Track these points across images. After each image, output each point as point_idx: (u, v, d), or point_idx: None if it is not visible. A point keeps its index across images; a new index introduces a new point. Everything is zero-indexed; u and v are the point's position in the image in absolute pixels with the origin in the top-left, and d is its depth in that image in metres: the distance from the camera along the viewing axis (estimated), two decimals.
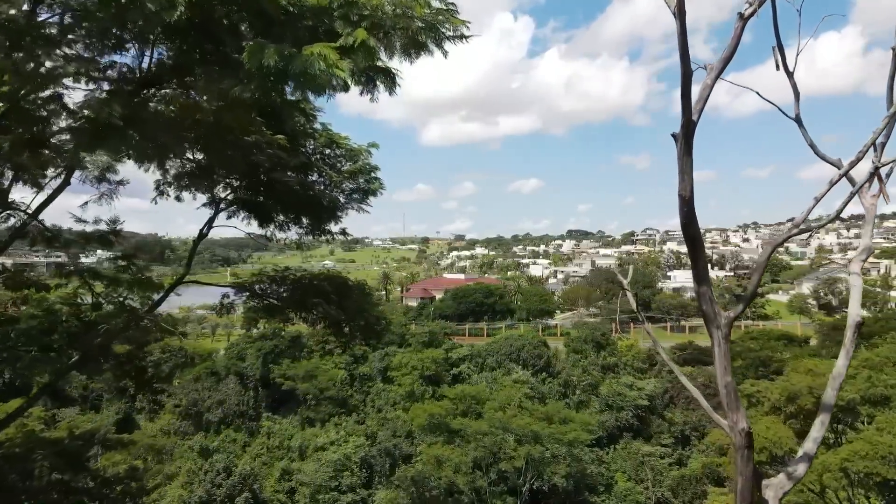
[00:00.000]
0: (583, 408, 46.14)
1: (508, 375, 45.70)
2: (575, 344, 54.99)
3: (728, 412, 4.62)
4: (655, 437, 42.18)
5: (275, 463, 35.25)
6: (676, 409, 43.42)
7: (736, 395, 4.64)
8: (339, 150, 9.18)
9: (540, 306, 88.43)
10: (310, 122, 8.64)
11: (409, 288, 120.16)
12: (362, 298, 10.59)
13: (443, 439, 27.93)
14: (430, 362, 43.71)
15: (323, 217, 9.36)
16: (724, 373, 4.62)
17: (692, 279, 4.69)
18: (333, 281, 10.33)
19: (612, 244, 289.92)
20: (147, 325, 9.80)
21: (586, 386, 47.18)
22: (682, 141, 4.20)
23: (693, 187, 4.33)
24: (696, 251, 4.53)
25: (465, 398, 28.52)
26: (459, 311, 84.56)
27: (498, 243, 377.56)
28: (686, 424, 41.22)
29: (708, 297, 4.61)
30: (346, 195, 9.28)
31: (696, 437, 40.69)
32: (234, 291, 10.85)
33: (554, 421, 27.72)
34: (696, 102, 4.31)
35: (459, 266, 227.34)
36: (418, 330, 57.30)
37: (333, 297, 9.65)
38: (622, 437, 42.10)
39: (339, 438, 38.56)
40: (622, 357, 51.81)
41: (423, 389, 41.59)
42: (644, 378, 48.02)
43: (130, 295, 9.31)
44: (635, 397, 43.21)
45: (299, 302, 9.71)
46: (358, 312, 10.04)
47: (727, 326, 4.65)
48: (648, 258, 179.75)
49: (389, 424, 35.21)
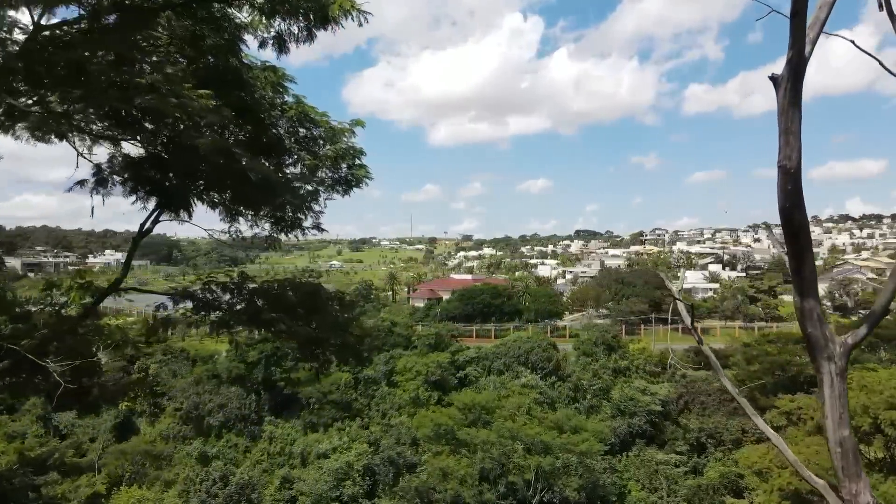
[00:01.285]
0: (593, 413, 44.63)
1: (517, 379, 44.25)
2: (585, 346, 53.42)
3: (843, 479, 3.22)
4: (669, 443, 40.62)
5: (275, 470, 34.01)
6: (691, 415, 41.78)
7: (856, 457, 3.22)
8: (317, 130, 7.51)
9: (548, 307, 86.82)
10: (279, 94, 7.04)
11: (416, 288, 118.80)
12: (341, 312, 8.80)
13: (448, 448, 26.55)
14: (435, 367, 42.25)
15: (288, 209, 7.72)
16: (839, 424, 3.21)
17: (793, 290, 3.28)
18: (302, 289, 8.50)
19: (620, 244, 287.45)
20: (87, 336, 8.32)
21: (597, 390, 45.65)
22: (789, 84, 2.82)
23: (801, 155, 2.93)
24: (800, 248, 3.13)
25: (474, 407, 27.03)
26: (466, 312, 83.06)
27: (505, 243, 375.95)
28: (702, 431, 39.60)
29: (816, 316, 3.21)
30: (327, 186, 7.81)
31: (712, 444, 39.08)
32: (173, 300, 8.74)
33: (565, 429, 26.27)
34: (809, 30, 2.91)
35: (467, 266, 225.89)
36: (425, 331, 55.90)
37: (301, 311, 8.07)
38: (635, 443, 40.55)
39: (342, 444, 37.29)
40: (634, 360, 50.20)
41: (428, 395, 40.17)
42: (657, 382, 46.43)
43: (68, 300, 7.86)
44: (648, 402, 41.67)
45: (254, 316, 7.95)
46: (334, 329, 8.29)
47: (843, 357, 3.23)
48: (658, 258, 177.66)
49: (393, 431, 33.84)
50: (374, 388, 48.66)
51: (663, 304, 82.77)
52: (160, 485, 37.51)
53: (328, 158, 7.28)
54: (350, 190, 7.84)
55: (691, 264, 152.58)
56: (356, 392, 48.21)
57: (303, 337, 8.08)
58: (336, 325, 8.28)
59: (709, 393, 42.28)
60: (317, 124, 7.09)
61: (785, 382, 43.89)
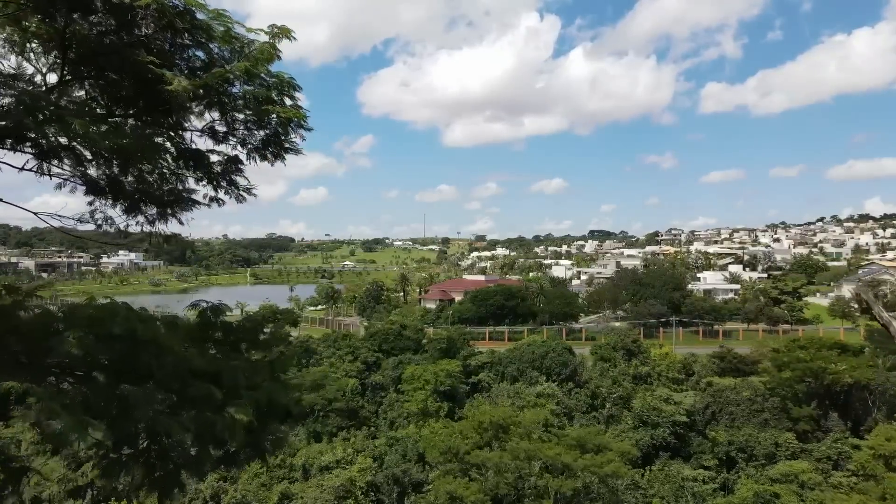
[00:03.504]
0: (613, 423, 42.17)
1: (532, 387, 41.86)
2: (603, 351, 50.94)
3: None
4: (696, 457, 38.02)
5: (274, 485, 31.90)
6: (719, 427, 39.15)
7: None
8: (215, 43, 4.58)
9: (563, 309, 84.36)
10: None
11: (428, 289, 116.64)
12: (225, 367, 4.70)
13: (457, 467, 24.32)
14: (444, 376, 39.67)
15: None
16: None
17: None
18: (101, 321, 4.26)
19: (635, 244, 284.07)
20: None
21: (617, 399, 43.19)
22: None
23: None
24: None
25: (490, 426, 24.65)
26: (479, 313, 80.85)
27: (519, 244, 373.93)
28: (731, 445, 36.92)
29: None
30: (249, 149, 5.14)
31: (743, 458, 36.39)
32: None
33: (588, 448, 23.87)
34: None
35: (480, 267, 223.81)
36: (436, 335, 53.64)
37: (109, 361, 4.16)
38: (658, 456, 38.02)
39: (347, 457, 35.16)
40: (656, 366, 47.63)
41: (437, 405, 37.73)
42: (681, 390, 43.84)
43: None
44: (673, 412, 39.10)
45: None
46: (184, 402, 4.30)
47: None
48: (675, 258, 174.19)
49: (399, 445, 31.62)
50: (382, 394, 46.52)
51: (682, 306, 79.96)
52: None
53: (242, 99, 4.81)
54: (281, 153, 5.27)
55: (710, 265, 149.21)
56: (363, 399, 46.10)
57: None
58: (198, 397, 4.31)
59: (738, 403, 39.62)
60: (205, 30, 4.39)
61: (818, 391, 41.17)
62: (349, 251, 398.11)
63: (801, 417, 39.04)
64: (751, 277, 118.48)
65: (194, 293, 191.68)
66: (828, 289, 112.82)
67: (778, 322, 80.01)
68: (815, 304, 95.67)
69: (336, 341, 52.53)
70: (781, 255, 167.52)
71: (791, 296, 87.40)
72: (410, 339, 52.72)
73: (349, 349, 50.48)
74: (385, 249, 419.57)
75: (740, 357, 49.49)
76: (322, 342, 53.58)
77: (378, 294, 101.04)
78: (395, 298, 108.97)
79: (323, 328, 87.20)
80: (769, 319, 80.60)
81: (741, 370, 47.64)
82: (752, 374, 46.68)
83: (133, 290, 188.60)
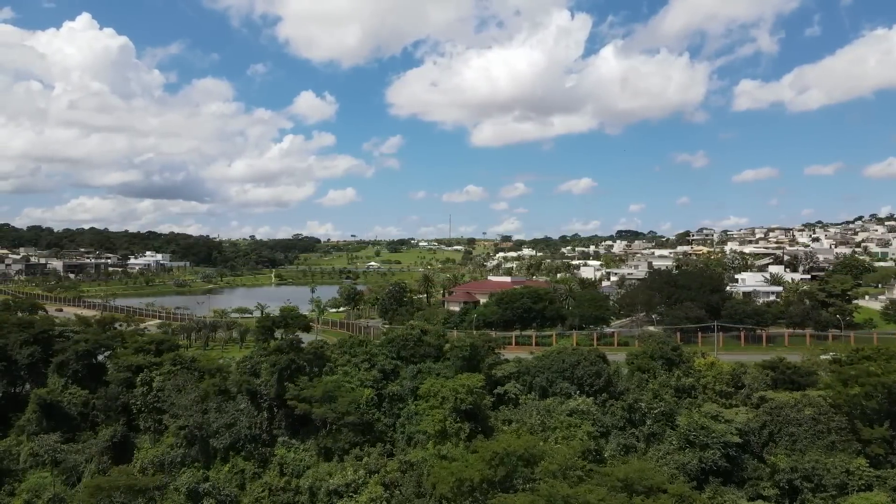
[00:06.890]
0: (655, 442, 37.86)
1: (564, 403, 37.71)
2: (640, 361, 46.32)
3: None
4: (751, 483, 33.62)
5: None
6: (779, 449, 34.57)
7: None
8: None
9: (594, 312, 79.72)
10: None
11: (452, 291, 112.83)
12: None
13: None
14: (465, 392, 35.40)
15: None
16: None
17: None
18: None
19: (665, 244, 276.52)
20: None
21: (658, 415, 38.84)
22: None
23: None
24: None
25: (509, 458, 20.79)
26: (505, 316, 76.81)
27: (545, 244, 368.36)
28: (795, 472, 32.32)
29: None
30: None
31: (809, 488, 31.76)
32: None
33: (637, 490, 19.80)
34: None
35: (506, 267, 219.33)
36: (459, 341, 49.62)
37: None
38: (708, 481, 33.73)
39: (358, 479, 31.61)
40: (701, 378, 43.00)
41: (457, 426, 33.58)
42: (731, 406, 39.27)
43: None
44: (723, 431, 34.75)
45: None
46: None
47: None
48: (708, 259, 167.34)
49: (414, 472, 27.91)
50: (399, 405, 42.86)
51: (722, 310, 74.68)
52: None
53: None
54: None
55: (746, 265, 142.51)
56: (380, 411, 42.50)
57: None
58: None
59: (799, 422, 34.93)
60: None
61: (892, 409, 36.23)
62: (374, 252, 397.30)
63: (872, 439, 34.27)
64: (793, 279, 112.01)
65: (219, 294, 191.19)
66: (877, 290, 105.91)
67: (827, 327, 74.24)
68: (866, 306, 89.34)
69: (352, 347, 48.99)
70: (823, 255, 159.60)
71: (839, 298, 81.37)
72: (431, 345, 48.89)
73: (365, 356, 46.95)
74: (410, 250, 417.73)
75: (794, 367, 44.44)
76: (337, 348, 50.13)
77: (400, 295, 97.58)
78: (419, 300, 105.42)
79: (343, 331, 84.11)
80: (817, 324, 74.79)
81: (796, 382, 42.63)
82: (808, 386, 41.82)
83: (158, 290, 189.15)
